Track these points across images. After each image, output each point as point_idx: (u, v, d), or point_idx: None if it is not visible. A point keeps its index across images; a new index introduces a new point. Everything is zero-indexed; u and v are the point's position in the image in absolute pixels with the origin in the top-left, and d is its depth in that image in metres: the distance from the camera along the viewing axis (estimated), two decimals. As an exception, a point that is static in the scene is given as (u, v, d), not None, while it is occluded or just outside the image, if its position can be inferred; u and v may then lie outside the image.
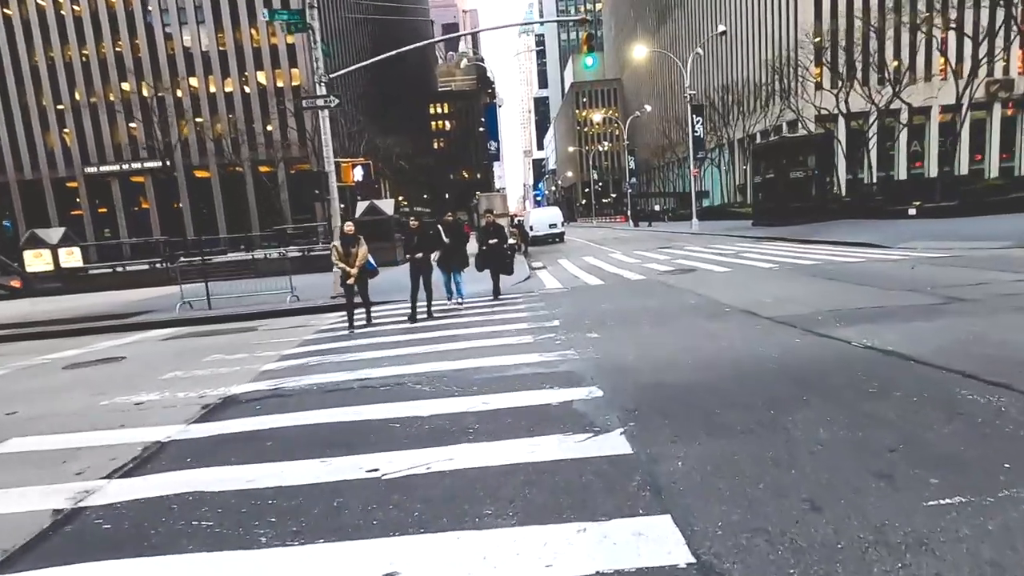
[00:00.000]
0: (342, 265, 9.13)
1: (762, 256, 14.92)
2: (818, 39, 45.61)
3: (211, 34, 52.56)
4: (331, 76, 12.41)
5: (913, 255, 12.45)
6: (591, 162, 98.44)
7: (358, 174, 12.42)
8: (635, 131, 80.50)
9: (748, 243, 20.40)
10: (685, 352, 5.48)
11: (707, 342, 5.85)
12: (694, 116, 32.76)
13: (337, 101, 12.09)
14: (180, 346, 8.96)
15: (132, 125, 53.58)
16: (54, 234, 21.21)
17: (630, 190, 55.76)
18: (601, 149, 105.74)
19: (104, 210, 56.17)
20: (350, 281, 9.09)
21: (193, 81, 53.35)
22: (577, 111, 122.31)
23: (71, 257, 21.34)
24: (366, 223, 20.58)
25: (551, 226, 31.24)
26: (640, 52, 36.44)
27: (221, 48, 52.43)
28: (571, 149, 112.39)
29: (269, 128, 52.33)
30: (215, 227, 52.79)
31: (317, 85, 12.21)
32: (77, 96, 53.52)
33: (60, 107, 53.87)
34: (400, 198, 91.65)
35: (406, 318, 9.51)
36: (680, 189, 72.97)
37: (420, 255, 9.51)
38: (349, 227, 9.39)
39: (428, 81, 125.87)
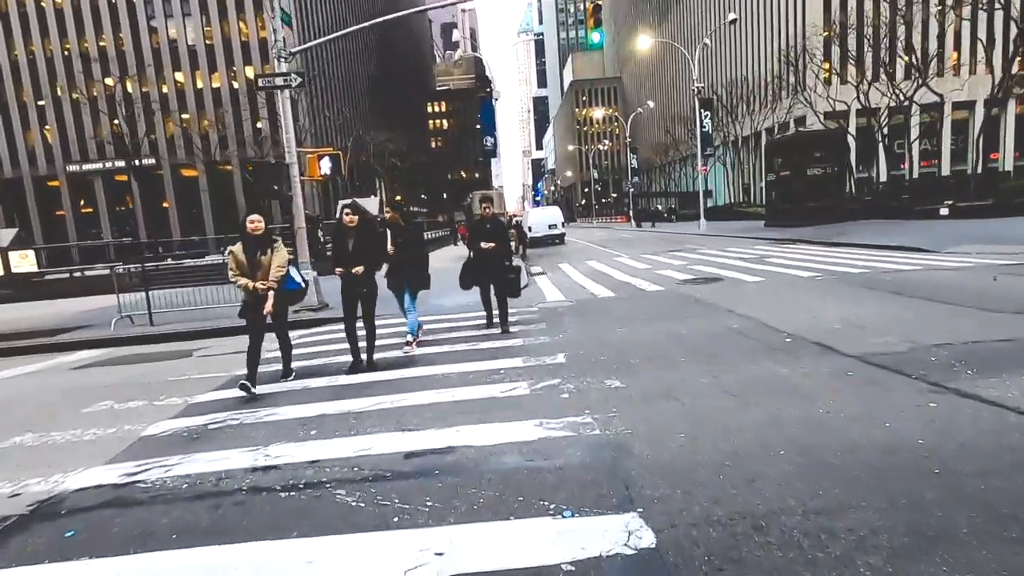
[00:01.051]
0: (244, 281, 5.49)
1: (792, 261, 13.03)
2: (826, 33, 43.78)
3: (197, 27, 50.63)
4: (292, 52, 10.50)
5: (974, 261, 10.58)
6: (591, 161, 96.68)
7: (325, 166, 10.53)
8: (636, 129, 78.59)
9: (767, 246, 18.51)
10: (771, 430, 3.49)
11: (795, 407, 3.86)
12: (702, 111, 30.90)
13: (300, 81, 10.18)
14: (79, 381, 7.04)
15: (116, 122, 51.62)
16: (5, 236, 19.28)
17: (632, 189, 53.87)
18: (602, 148, 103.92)
19: (90, 210, 54.25)
20: (267, 310, 5.50)
21: (179, 76, 51.42)
22: (577, 110, 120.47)
23: (24, 261, 19.41)
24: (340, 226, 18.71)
25: (551, 227, 29.35)
26: (645, 43, 34.44)
27: (208, 42, 50.50)
28: (571, 148, 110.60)
29: (259, 125, 50.44)
30: (202, 227, 50.90)
31: (276, 61, 10.31)
32: (59, 91, 51.55)
33: (41, 103, 51.89)
34: (398, 198, 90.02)
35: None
36: (683, 188, 71.20)
37: (356, 270, 6.09)
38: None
39: (426, 80, 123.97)
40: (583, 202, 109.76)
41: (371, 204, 18.73)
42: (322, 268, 10.93)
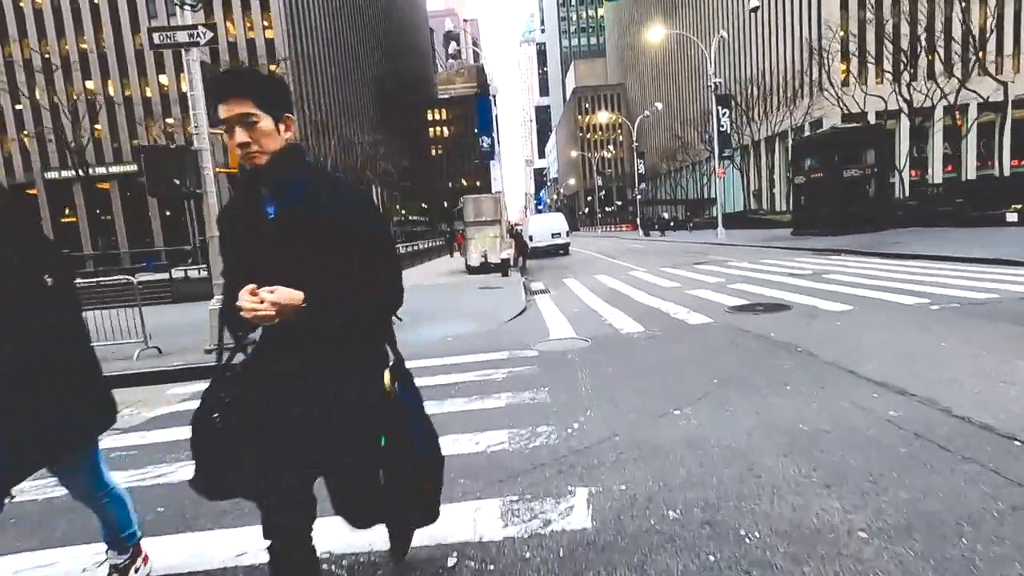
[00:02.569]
0: None
1: (865, 280, 10.13)
2: (841, 33, 41.15)
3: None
4: (205, -1, 7.73)
5: None
6: (594, 169, 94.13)
7: (248, 154, 7.81)
8: (641, 135, 76.14)
9: (812, 257, 15.60)
10: None
11: None
12: (719, 108, 28.14)
13: (211, 36, 7.41)
14: None
15: (98, 127, 49.33)
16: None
17: (639, 196, 51.07)
18: (606, 155, 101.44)
19: (73, 219, 51.81)
20: None
21: (163, 79, 49.14)
22: (580, 117, 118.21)
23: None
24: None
25: (554, 235, 26.50)
26: (657, 34, 31.79)
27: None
28: (574, 154, 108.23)
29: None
30: (186, 238, 48.33)
31: (179, 9, 7.54)
32: (37, 95, 49.18)
33: (19, 107, 49.57)
34: (398, 208, 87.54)
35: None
36: (691, 195, 68.44)
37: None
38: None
39: (427, 88, 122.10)
40: (586, 210, 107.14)
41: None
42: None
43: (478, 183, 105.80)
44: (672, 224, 47.27)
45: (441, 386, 5.34)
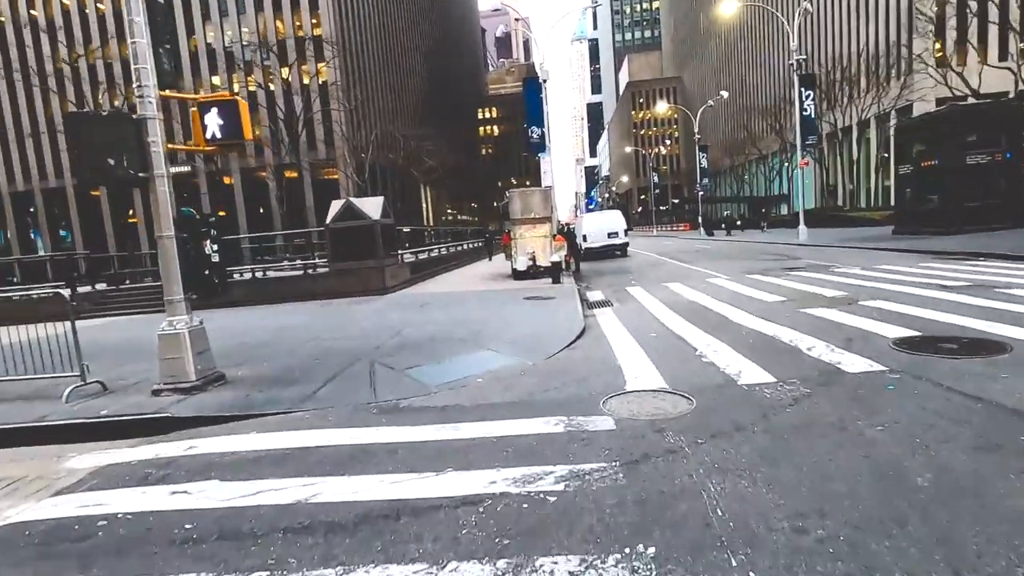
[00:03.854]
0: None
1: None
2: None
3: (234, 28, 48.54)
4: None
5: None
6: (649, 165, 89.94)
7: (213, 123, 5.71)
8: (702, 129, 71.73)
9: (946, 263, 12.28)
10: None
11: None
12: (803, 89, 24.60)
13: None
14: None
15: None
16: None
17: (701, 192, 47.25)
18: (661, 151, 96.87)
19: (134, 220, 53.17)
20: None
21: (216, 80, 49.50)
22: (633, 112, 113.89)
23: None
24: (339, 232, 13.96)
25: (610, 235, 23.76)
26: (730, 7, 28.42)
27: (244, 43, 48.22)
28: (628, 150, 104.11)
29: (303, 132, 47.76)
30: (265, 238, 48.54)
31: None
32: (100, 100, 50.61)
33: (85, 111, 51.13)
34: (448, 208, 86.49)
35: None
36: (758, 192, 63.58)
37: None
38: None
39: (478, 87, 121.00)
40: (639, 209, 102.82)
41: (371, 206, 13.89)
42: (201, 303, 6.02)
43: (528, 182, 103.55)
44: (739, 223, 43.30)
45: (444, 504, 2.98)
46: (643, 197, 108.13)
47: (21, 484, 4.04)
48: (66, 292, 16.10)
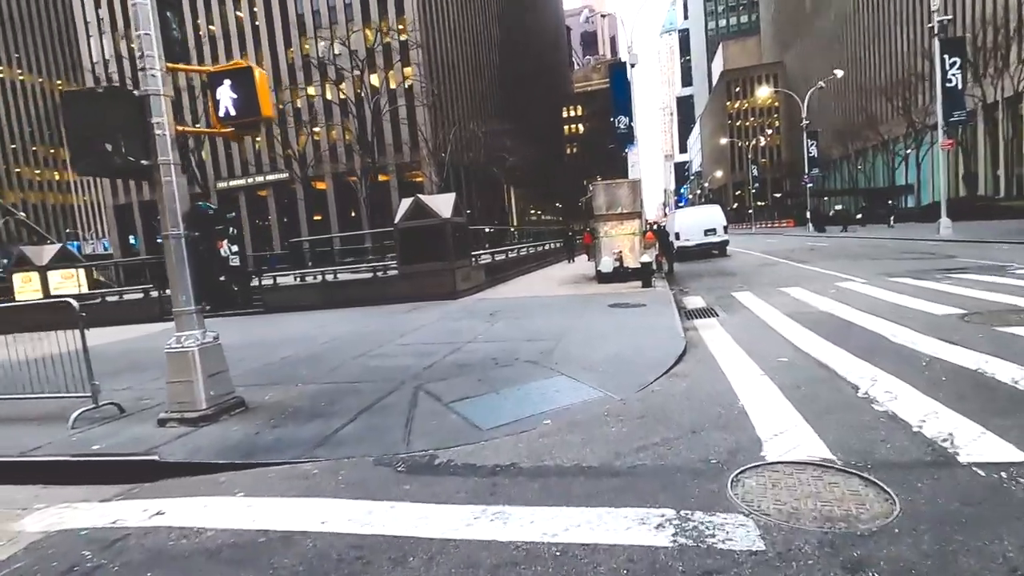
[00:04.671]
0: None
1: None
2: None
3: (327, 39, 50.47)
4: None
5: None
6: (747, 157, 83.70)
7: (225, 98, 4.73)
8: (807, 116, 65.37)
9: None
10: None
11: None
12: (946, 57, 20.73)
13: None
14: None
15: (258, 139, 53.67)
16: (48, 252, 16.74)
17: (810, 184, 42.50)
18: (760, 142, 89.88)
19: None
20: None
21: (311, 90, 51.80)
22: (728, 102, 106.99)
23: (68, 281, 16.72)
24: (408, 232, 13.04)
25: (707, 232, 21.31)
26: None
27: (336, 52, 50.00)
28: (722, 142, 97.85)
29: (386, 133, 49.04)
30: (333, 240, 50.47)
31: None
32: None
33: (198, 125, 55.53)
34: (532, 209, 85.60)
35: None
36: (874, 182, 56.78)
37: None
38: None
39: (563, 85, 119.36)
40: (735, 205, 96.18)
41: (442, 204, 12.86)
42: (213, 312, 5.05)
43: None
44: (860, 216, 38.34)
45: None
46: (738, 192, 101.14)
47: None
48: (155, 293, 16.63)
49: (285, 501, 3.25)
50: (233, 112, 4.79)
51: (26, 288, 16.56)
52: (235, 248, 5.07)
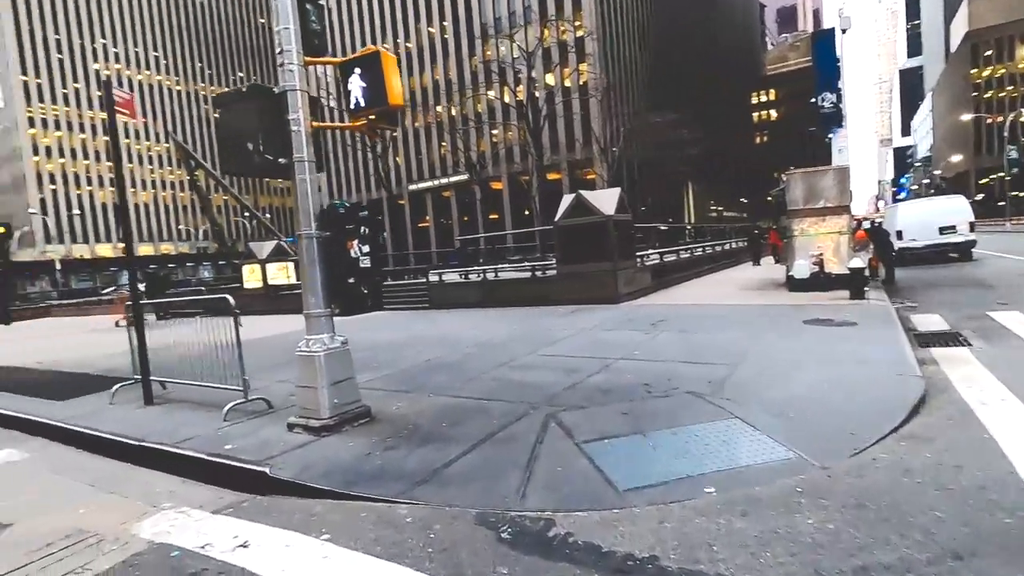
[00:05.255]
0: None
1: None
2: None
3: (507, 43, 52.33)
4: None
5: None
6: (1001, 136, 66.88)
7: (356, 89, 4.41)
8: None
9: None
10: None
11: None
12: None
13: None
14: None
15: (444, 144, 58.08)
16: (267, 247, 19.55)
17: (1105, 167, 31.95)
18: (1022, 116, 71.11)
19: (426, 223, 62.57)
20: None
21: (491, 93, 54.24)
22: (973, 70, 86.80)
23: (281, 273, 19.37)
24: (567, 230, 12.33)
25: (944, 230, 16.88)
26: None
27: (515, 56, 51.63)
28: (964, 118, 79.69)
29: (558, 131, 49.50)
30: (502, 238, 52.57)
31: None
32: (407, 123, 60.62)
33: (395, 135, 61.95)
34: (713, 205, 79.42)
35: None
36: None
37: None
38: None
39: (753, 67, 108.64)
40: (979, 196, 77.78)
41: (605, 199, 11.92)
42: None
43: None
44: None
45: None
46: (984, 180, 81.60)
47: (71, 551, 3.15)
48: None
49: (363, 562, 2.68)
50: (363, 103, 4.48)
51: (251, 278, 19.59)
52: (366, 249, 4.78)
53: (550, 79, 49.84)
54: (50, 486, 4.33)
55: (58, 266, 58.26)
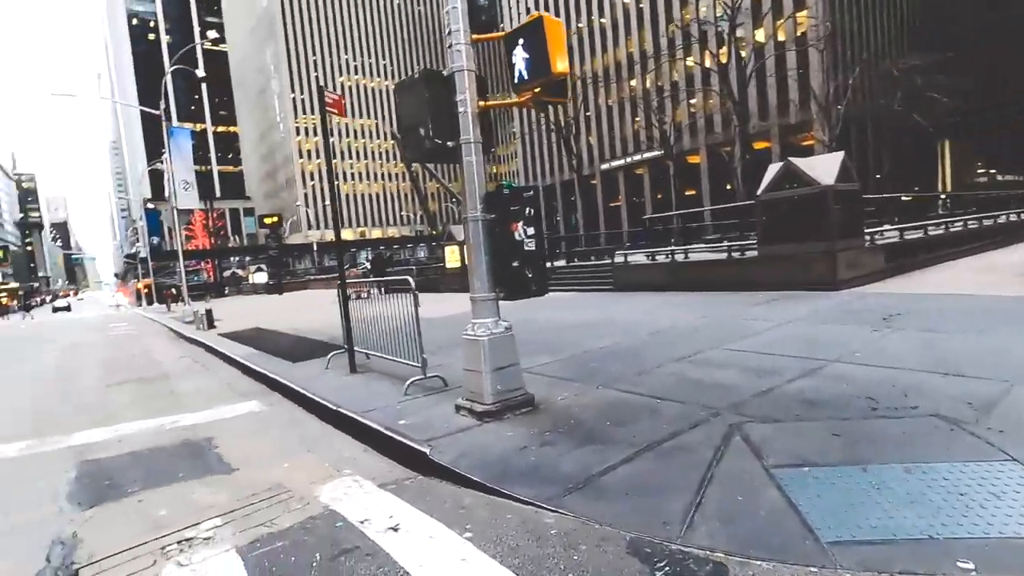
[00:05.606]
0: None
1: None
2: None
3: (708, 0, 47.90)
4: None
5: None
6: None
7: (520, 61, 4.10)
8: None
9: None
10: None
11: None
12: None
13: None
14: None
15: (637, 119, 56.05)
16: (458, 232, 21.01)
17: None
18: None
19: (618, 202, 61.57)
20: None
21: (689, 60, 50.41)
22: None
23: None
24: (772, 204, 10.70)
25: None
26: None
27: (717, 15, 47.00)
28: None
29: (767, 95, 44.11)
30: (697, 215, 49.01)
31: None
32: (599, 101, 59.88)
33: (587, 114, 61.67)
34: (979, 166, 63.08)
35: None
36: None
37: None
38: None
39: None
40: None
41: (823, 166, 10.06)
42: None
43: None
44: None
45: None
46: None
47: (268, 504, 3.57)
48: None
49: (498, 574, 2.48)
50: (526, 75, 4.21)
51: (451, 258, 21.30)
52: (531, 231, 4.57)
53: (759, 35, 44.32)
54: (273, 438, 5.06)
55: (315, 248, 71.20)
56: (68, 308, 56.07)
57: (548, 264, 18.23)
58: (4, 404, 7.72)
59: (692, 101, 50.92)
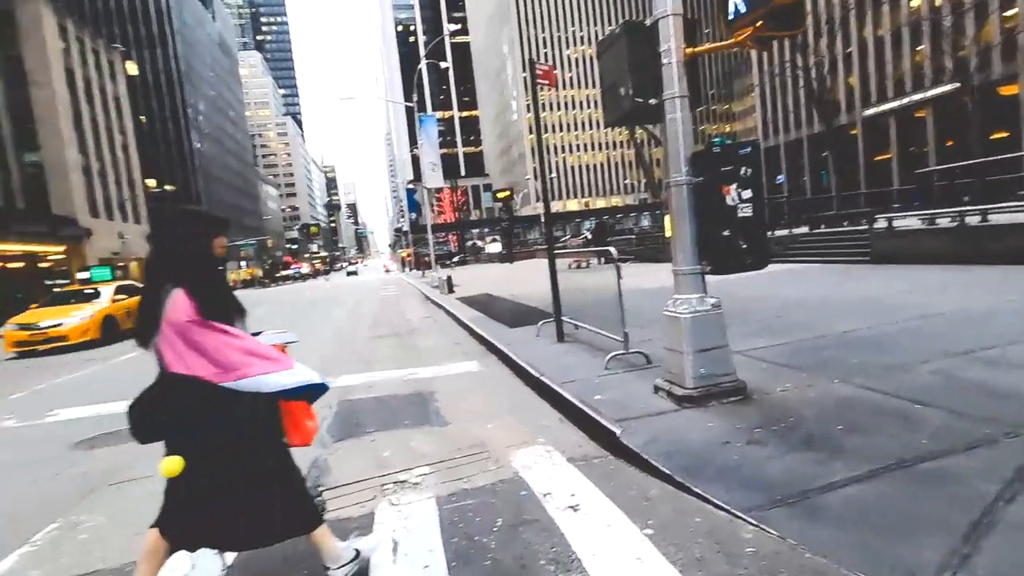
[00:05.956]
0: None
1: None
2: None
3: None
4: None
5: None
6: None
7: (738, -4, 3.43)
8: None
9: None
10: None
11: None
12: None
13: None
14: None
15: (919, 48, 44.80)
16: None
17: None
18: None
19: (887, 154, 50.80)
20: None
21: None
22: None
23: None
24: None
25: None
26: None
27: None
28: None
29: None
30: (1011, 163, 37.26)
31: None
32: (864, 32, 49.45)
33: (848, 51, 51.49)
34: None
35: None
36: None
37: None
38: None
39: None
40: None
41: None
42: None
43: None
44: None
45: None
46: None
47: (469, 460, 3.86)
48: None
49: (673, 581, 2.22)
50: (742, 8, 3.56)
51: (670, 227, 20.23)
52: (747, 194, 3.95)
53: None
54: (483, 398, 5.47)
55: (542, 219, 75.22)
56: (356, 272, 71.30)
57: (787, 232, 15.99)
58: (304, 350, 9.95)
59: (1008, 12, 38.27)
